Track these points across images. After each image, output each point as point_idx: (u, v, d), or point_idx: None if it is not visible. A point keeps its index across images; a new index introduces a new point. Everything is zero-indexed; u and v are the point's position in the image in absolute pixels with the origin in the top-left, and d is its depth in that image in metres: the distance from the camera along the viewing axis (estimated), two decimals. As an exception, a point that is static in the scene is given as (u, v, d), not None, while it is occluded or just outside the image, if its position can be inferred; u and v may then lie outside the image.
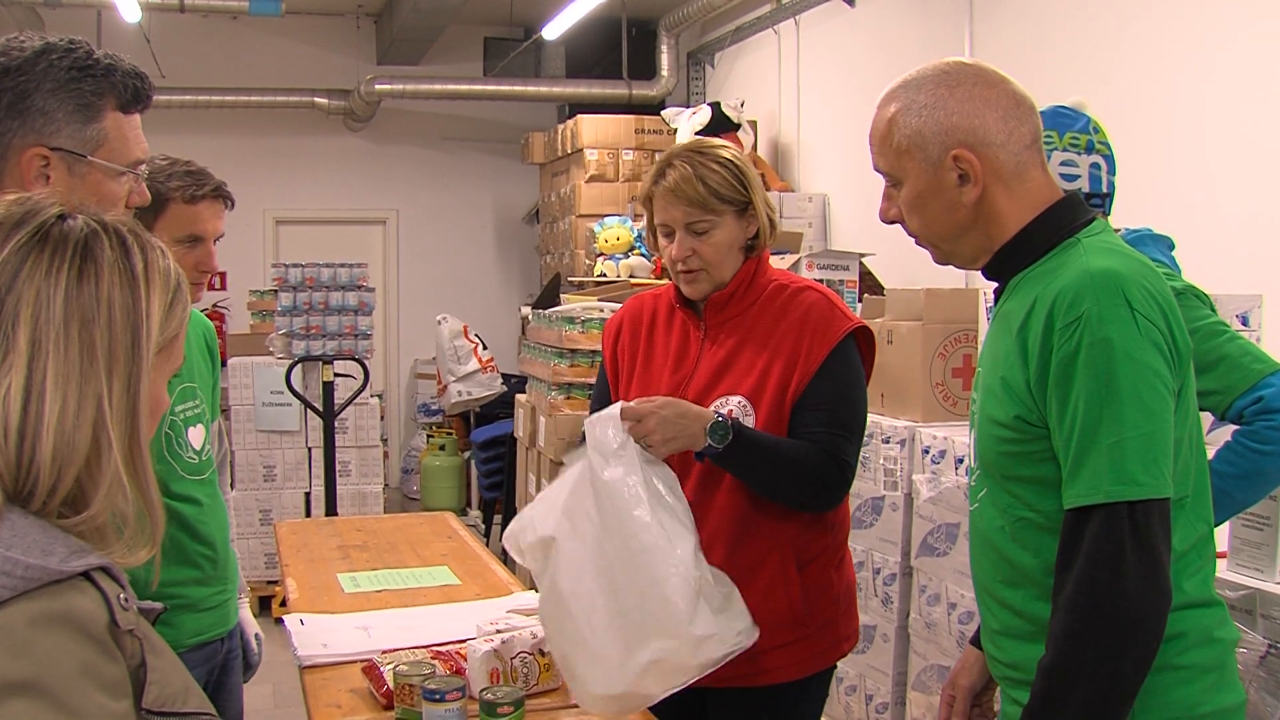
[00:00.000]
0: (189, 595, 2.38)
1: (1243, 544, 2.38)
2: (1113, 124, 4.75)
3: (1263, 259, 3.90)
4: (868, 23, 6.53)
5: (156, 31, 8.16)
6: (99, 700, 1.02)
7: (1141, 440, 1.48)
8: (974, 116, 1.62)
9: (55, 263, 1.10)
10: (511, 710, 1.92)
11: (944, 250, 1.73)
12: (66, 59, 1.63)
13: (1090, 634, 1.49)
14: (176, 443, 2.40)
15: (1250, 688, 2.27)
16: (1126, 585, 1.47)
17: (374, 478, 6.55)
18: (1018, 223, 1.65)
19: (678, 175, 2.23)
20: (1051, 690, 1.52)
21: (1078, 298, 1.52)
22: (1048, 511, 1.59)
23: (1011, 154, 1.64)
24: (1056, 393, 1.53)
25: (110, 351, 1.11)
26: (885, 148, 1.69)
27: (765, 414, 2.19)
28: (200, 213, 2.36)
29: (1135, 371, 1.49)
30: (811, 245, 6.28)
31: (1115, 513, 1.48)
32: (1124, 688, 1.49)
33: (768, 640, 2.16)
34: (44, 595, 1.02)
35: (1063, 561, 1.54)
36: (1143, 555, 1.47)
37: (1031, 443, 1.59)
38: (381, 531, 3.70)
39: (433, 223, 9.65)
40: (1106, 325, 1.49)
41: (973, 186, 1.63)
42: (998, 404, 1.63)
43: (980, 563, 1.74)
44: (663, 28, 8.41)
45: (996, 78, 1.66)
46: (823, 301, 2.27)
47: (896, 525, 3.63)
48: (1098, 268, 1.54)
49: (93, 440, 1.09)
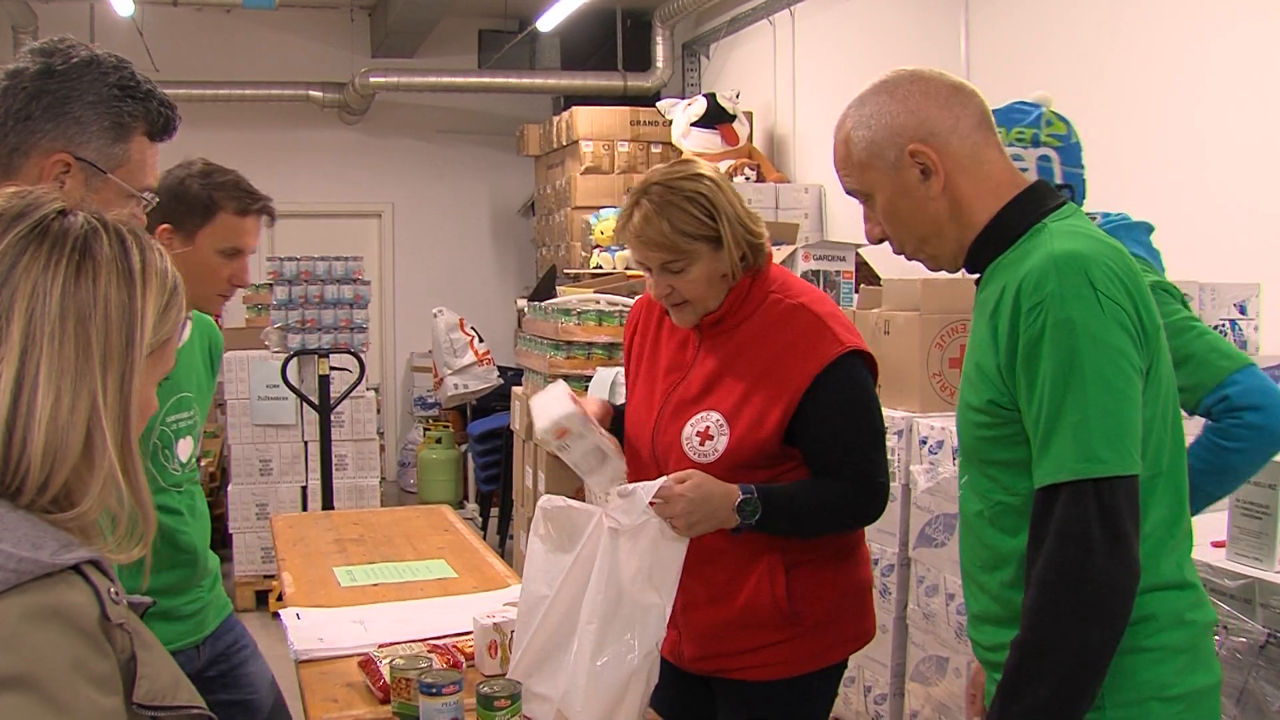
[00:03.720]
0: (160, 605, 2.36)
1: (1242, 533, 2.38)
2: (1108, 113, 4.76)
3: (1260, 248, 3.89)
4: (863, 13, 6.51)
5: (149, 25, 8.13)
6: (89, 695, 1.01)
7: (1106, 418, 1.50)
8: (918, 112, 1.67)
9: (53, 257, 1.10)
10: (508, 703, 1.92)
11: (928, 254, 1.76)
12: (113, 75, 1.68)
13: (1057, 608, 1.51)
14: (163, 453, 2.35)
15: (1250, 677, 2.27)
16: (1093, 561, 1.50)
17: (370, 471, 6.54)
18: (987, 211, 1.69)
19: (642, 218, 2.15)
20: (1023, 664, 1.55)
21: (1041, 280, 1.54)
22: (1024, 494, 1.61)
23: (963, 138, 1.68)
24: (1024, 374, 1.56)
25: (105, 349, 1.10)
26: (848, 166, 1.74)
27: (739, 434, 2.16)
28: (248, 226, 2.34)
29: (1098, 351, 1.51)
30: (808, 236, 6.27)
31: (1081, 490, 1.50)
32: (1092, 660, 1.51)
33: (757, 638, 2.21)
34: (35, 589, 1.02)
35: (1034, 540, 1.57)
36: (1109, 532, 1.50)
37: (1005, 426, 1.62)
38: (378, 525, 3.69)
39: (428, 215, 9.64)
40: (1069, 305, 1.52)
41: (936, 177, 1.67)
42: (973, 389, 1.67)
43: (964, 548, 1.78)
44: (657, 19, 8.39)
45: (931, 73, 1.71)
46: (815, 322, 2.18)
47: (894, 516, 3.63)
48: (1061, 250, 1.56)
49: (86, 437, 1.08)
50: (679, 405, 2.24)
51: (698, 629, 2.24)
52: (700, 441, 2.19)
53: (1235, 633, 2.31)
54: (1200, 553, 2.45)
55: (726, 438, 2.17)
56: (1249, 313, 3.41)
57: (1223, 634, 2.34)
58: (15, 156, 1.63)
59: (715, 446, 2.17)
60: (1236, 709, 2.30)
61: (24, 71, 1.65)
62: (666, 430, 2.25)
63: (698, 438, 2.19)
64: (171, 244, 2.27)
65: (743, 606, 2.20)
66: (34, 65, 1.65)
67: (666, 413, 2.26)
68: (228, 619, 2.58)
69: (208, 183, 2.30)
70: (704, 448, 2.18)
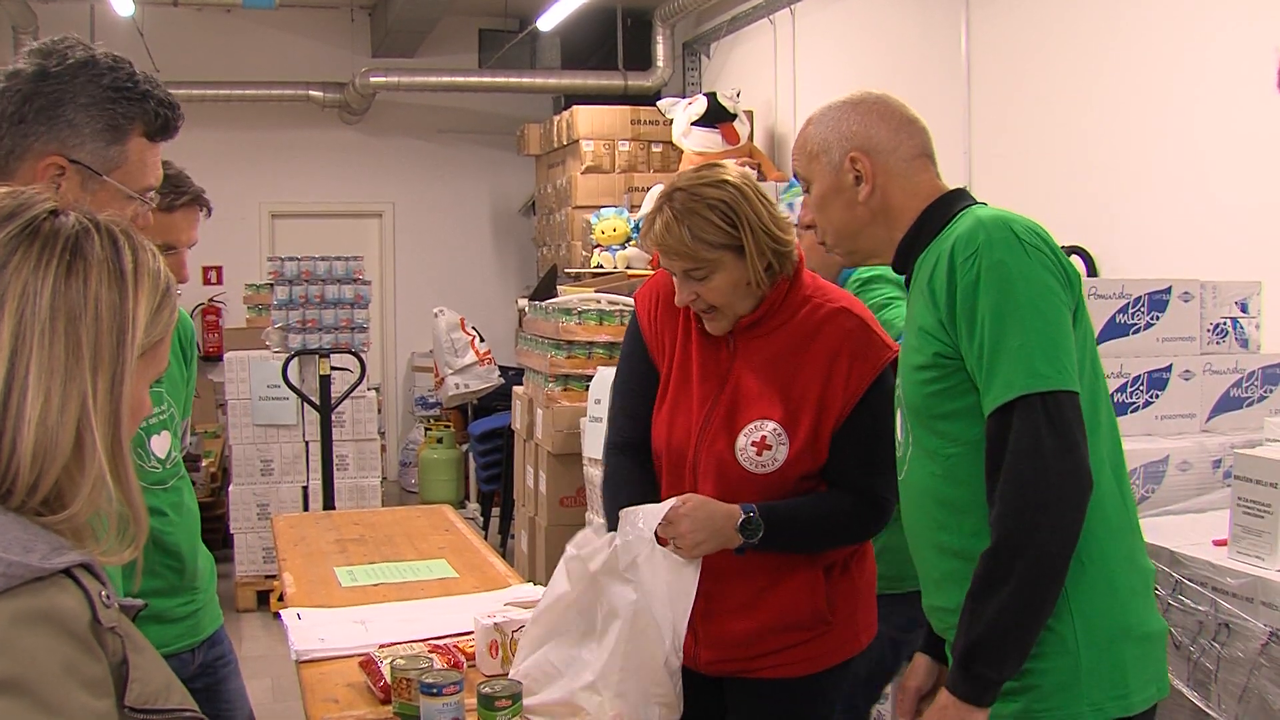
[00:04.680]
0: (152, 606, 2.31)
1: (1244, 532, 2.38)
2: (1109, 111, 4.76)
3: (1261, 246, 3.89)
4: (863, 12, 6.51)
5: (150, 25, 8.13)
6: (81, 699, 1.00)
7: (1044, 340, 1.65)
8: (869, 127, 1.90)
9: (44, 257, 1.09)
10: (509, 704, 1.92)
11: (846, 248, 1.97)
12: (107, 77, 1.65)
13: (1018, 514, 1.64)
14: (136, 452, 2.28)
15: (1252, 675, 2.27)
16: (1046, 465, 1.63)
17: (371, 471, 6.54)
18: (912, 214, 1.88)
19: (663, 225, 2.13)
20: (991, 570, 1.67)
21: (971, 236, 1.72)
22: (973, 441, 1.74)
23: (900, 159, 1.89)
24: (964, 317, 1.70)
25: (95, 350, 1.09)
26: (801, 155, 1.98)
27: (801, 442, 2.13)
28: (176, 222, 2.29)
29: (1030, 287, 1.67)
30: (808, 235, 6.26)
31: (1029, 404, 1.64)
32: (1052, 561, 1.64)
33: (790, 637, 2.20)
34: (26, 593, 1.01)
35: (992, 464, 1.70)
36: (1059, 439, 1.63)
37: (952, 375, 1.75)
38: (379, 525, 3.69)
39: (429, 215, 9.64)
40: (998, 250, 1.69)
41: (865, 185, 1.88)
42: (916, 352, 1.80)
43: (918, 520, 1.89)
44: (658, 18, 8.38)
45: (895, 102, 1.94)
46: (860, 326, 2.17)
47: (895, 515, 3.63)
48: (986, 214, 1.76)
49: (76, 439, 1.07)
50: (727, 414, 2.17)
51: (720, 636, 2.22)
52: (757, 452, 2.14)
53: (1237, 631, 2.30)
54: (1202, 551, 2.46)
55: (786, 447, 2.13)
56: (1250, 311, 3.40)
57: (1224, 633, 2.33)
58: (10, 160, 1.61)
59: (775, 456, 2.13)
60: (1239, 707, 2.29)
61: (20, 74, 1.63)
62: (715, 441, 2.17)
63: (754, 448, 2.14)
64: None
65: (777, 614, 2.19)
66: (30, 67, 1.64)
67: (714, 423, 2.18)
68: (219, 630, 2.51)
69: None
70: (762, 458, 2.14)
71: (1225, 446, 3.10)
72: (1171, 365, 3.21)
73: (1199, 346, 3.30)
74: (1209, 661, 2.34)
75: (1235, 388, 3.32)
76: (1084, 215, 4.61)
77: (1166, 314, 3.21)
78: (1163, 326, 3.21)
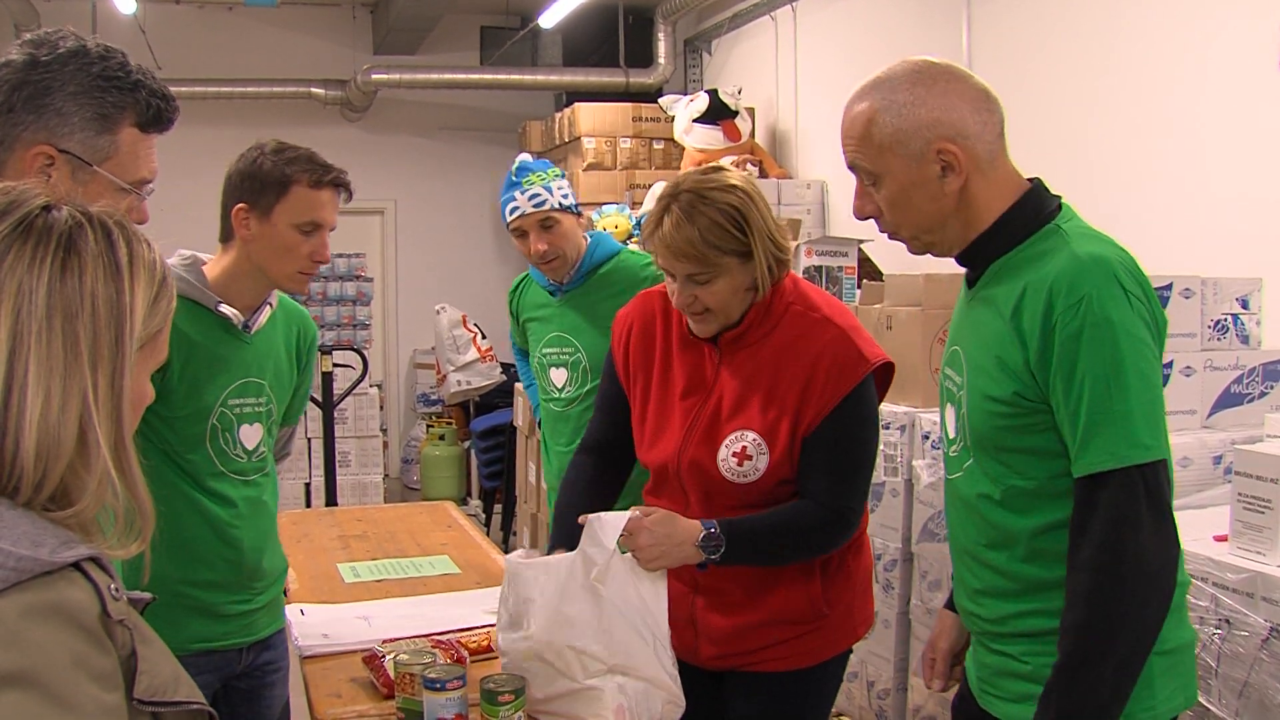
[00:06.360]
0: (198, 597, 2.23)
1: (1245, 527, 2.38)
2: (1111, 108, 4.76)
3: (1262, 242, 3.89)
4: (864, 9, 6.51)
5: (152, 22, 8.14)
6: (91, 691, 1.01)
7: (1146, 408, 1.61)
8: (952, 110, 1.72)
9: (38, 254, 1.08)
10: (512, 698, 1.92)
11: (924, 241, 1.82)
12: (97, 66, 1.63)
13: (1118, 589, 1.59)
14: (223, 436, 2.25)
15: (1253, 671, 2.27)
16: (1145, 540, 1.59)
17: (374, 468, 6.55)
18: (993, 211, 1.76)
19: (672, 225, 2.09)
20: (1087, 646, 1.61)
21: (1075, 282, 1.63)
22: (1040, 478, 1.71)
23: (986, 144, 1.74)
24: (1061, 370, 1.63)
25: (94, 345, 1.09)
26: (866, 146, 1.77)
27: (780, 451, 2.13)
28: (323, 199, 2.28)
29: (1134, 347, 1.62)
30: (810, 232, 6.26)
31: (1129, 476, 1.60)
32: (1150, 634, 1.61)
33: (789, 631, 2.21)
34: (35, 586, 1.02)
35: (1078, 525, 1.64)
36: (1157, 511, 1.61)
37: (1030, 416, 1.69)
38: (382, 521, 3.70)
39: (431, 212, 9.63)
40: (1106, 306, 1.61)
41: (956, 177, 1.73)
42: (993, 382, 1.73)
43: (964, 528, 1.85)
44: (659, 15, 8.38)
45: (963, 73, 1.77)
46: (842, 338, 2.14)
47: (897, 511, 3.63)
48: (1087, 253, 1.66)
49: (79, 435, 1.08)
50: (709, 425, 2.17)
51: (719, 632, 2.23)
52: (738, 462, 2.14)
53: (1238, 626, 2.31)
54: (1203, 547, 2.46)
55: (767, 456, 2.13)
56: (1251, 307, 3.40)
57: (1225, 628, 2.34)
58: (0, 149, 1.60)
59: (755, 466, 2.13)
60: (1239, 702, 2.30)
61: (11, 63, 1.61)
62: (696, 452, 2.18)
63: (734, 458, 2.14)
64: (248, 224, 2.24)
65: (775, 609, 2.20)
66: (21, 56, 1.62)
67: (695, 434, 2.19)
68: (276, 635, 2.43)
69: (280, 159, 2.25)
70: (743, 468, 2.13)
71: (1226, 443, 3.11)
72: (1172, 362, 3.22)
73: (1200, 343, 3.31)
74: (1210, 657, 2.35)
75: (1236, 384, 3.33)
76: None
77: (1168, 310, 3.22)
78: (1164, 323, 3.21)
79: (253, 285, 2.30)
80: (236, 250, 2.28)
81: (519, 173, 3.07)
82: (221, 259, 2.30)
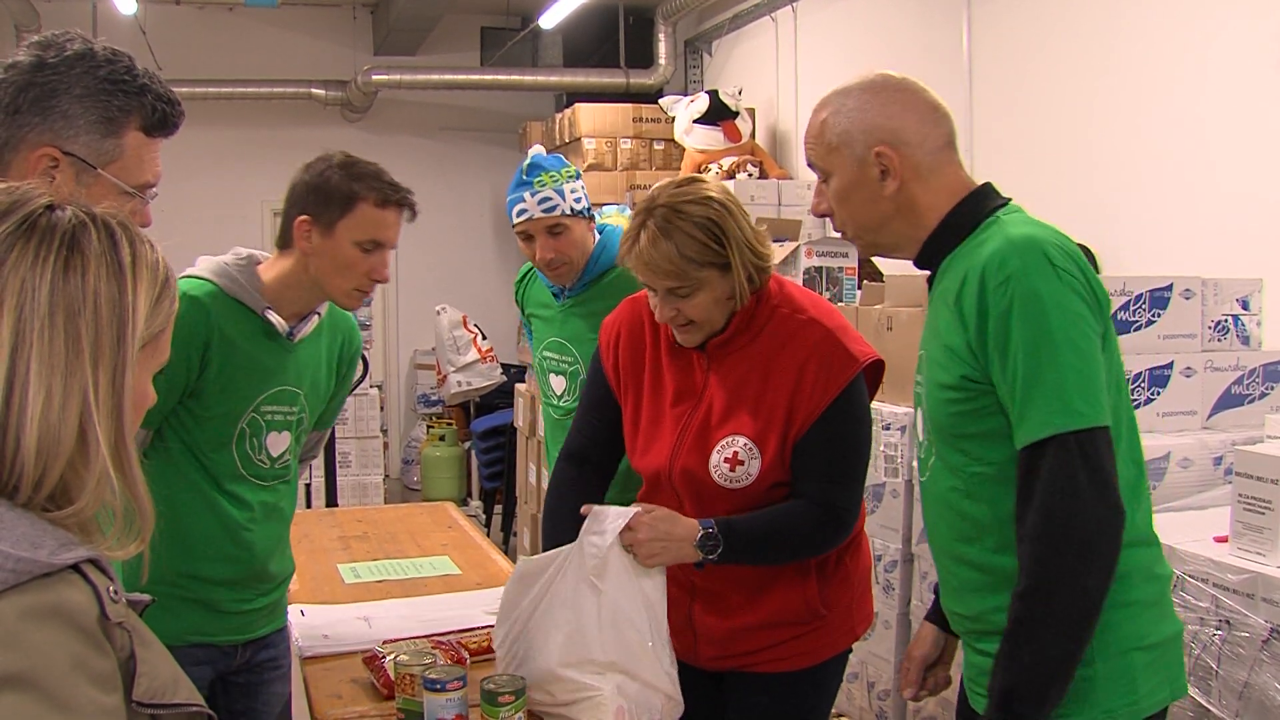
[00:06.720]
0: (200, 591, 2.23)
1: (1245, 528, 2.38)
2: (1110, 108, 4.76)
3: (1263, 243, 3.89)
4: (865, 9, 6.51)
5: (152, 23, 8.14)
6: (90, 694, 1.01)
7: (1079, 376, 1.63)
8: (894, 119, 1.82)
9: (41, 253, 1.08)
10: (512, 699, 1.92)
11: (866, 240, 1.90)
12: (104, 69, 1.62)
13: (1055, 555, 1.62)
14: (250, 441, 2.25)
15: (1253, 672, 2.27)
16: (1083, 506, 1.61)
17: (374, 468, 6.55)
18: (938, 213, 1.83)
19: (648, 242, 2.08)
20: (1029, 612, 1.64)
21: (1004, 260, 1.67)
22: (999, 462, 1.72)
23: (927, 153, 1.82)
24: (997, 346, 1.67)
25: (95, 344, 1.09)
26: (818, 145, 1.90)
27: (771, 455, 2.12)
28: (388, 218, 2.27)
29: (1064, 318, 1.64)
30: (810, 233, 6.26)
31: (1064, 443, 1.62)
32: (1090, 602, 1.62)
33: (787, 632, 2.21)
34: (34, 588, 1.01)
35: (1022, 497, 1.67)
36: (1094, 477, 1.62)
37: (978, 399, 1.73)
38: (382, 522, 3.70)
39: (431, 213, 9.52)
40: (1033, 279, 1.65)
41: (892, 180, 1.82)
42: (943, 370, 1.77)
43: (937, 526, 1.88)
44: (660, 16, 8.38)
45: (916, 87, 1.86)
46: (829, 338, 2.14)
47: (897, 512, 3.63)
48: (1018, 234, 1.71)
49: (79, 434, 1.07)
50: (700, 433, 2.17)
51: (719, 633, 2.23)
52: (730, 468, 2.13)
53: (1238, 627, 2.31)
54: (1203, 548, 2.46)
55: (759, 461, 2.12)
56: (1251, 308, 3.40)
57: (1225, 629, 2.34)
58: (4, 151, 1.59)
59: (748, 471, 2.12)
60: (1239, 703, 2.30)
61: (18, 65, 1.61)
62: (688, 460, 2.17)
63: (726, 464, 2.13)
64: (310, 236, 2.22)
65: (772, 610, 2.20)
66: (28, 58, 1.62)
67: (686, 442, 2.18)
68: (278, 632, 2.43)
69: (348, 173, 2.24)
70: (735, 473, 2.13)
71: (1226, 443, 3.11)
72: (1173, 362, 3.22)
73: (1200, 344, 3.31)
74: (1210, 658, 2.35)
75: (1236, 385, 3.33)
76: (1086, 212, 4.61)
77: (1168, 311, 3.22)
78: (1164, 324, 3.22)
79: (305, 295, 2.28)
80: (294, 260, 2.26)
81: (530, 171, 2.87)
82: (278, 263, 2.29)
